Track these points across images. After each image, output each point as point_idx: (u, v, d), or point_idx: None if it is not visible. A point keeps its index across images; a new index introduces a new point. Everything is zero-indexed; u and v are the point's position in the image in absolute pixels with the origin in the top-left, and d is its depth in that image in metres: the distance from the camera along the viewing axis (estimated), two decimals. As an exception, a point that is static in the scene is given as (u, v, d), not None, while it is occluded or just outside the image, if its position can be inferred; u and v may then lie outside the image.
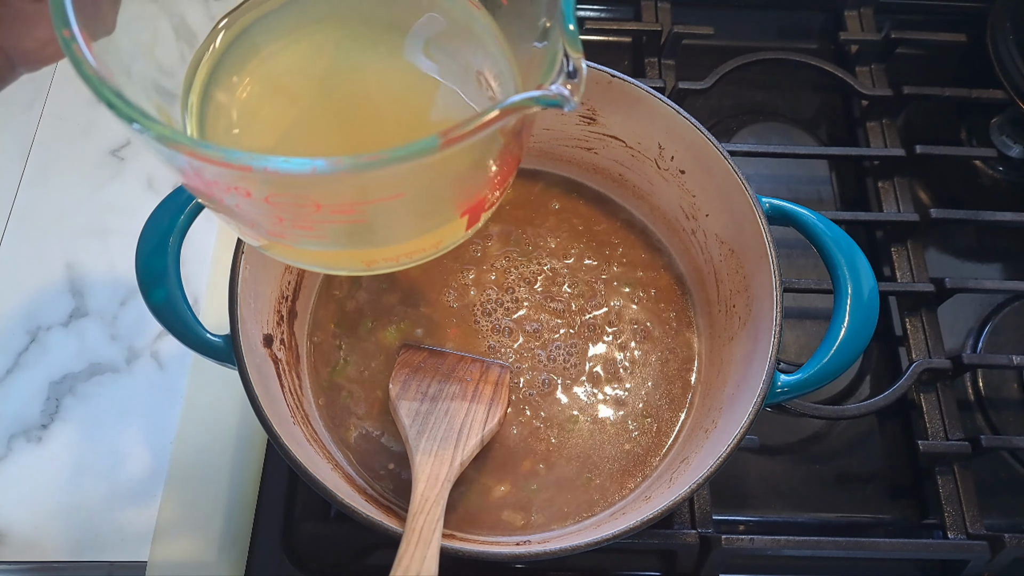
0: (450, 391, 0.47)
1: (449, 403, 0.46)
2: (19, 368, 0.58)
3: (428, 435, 0.44)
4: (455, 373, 0.48)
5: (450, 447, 0.43)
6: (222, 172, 0.26)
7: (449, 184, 0.32)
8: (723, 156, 0.48)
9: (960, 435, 0.56)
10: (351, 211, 0.29)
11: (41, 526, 0.53)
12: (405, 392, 0.46)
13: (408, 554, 0.37)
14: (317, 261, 0.36)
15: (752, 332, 0.47)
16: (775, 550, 0.51)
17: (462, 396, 0.47)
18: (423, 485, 0.41)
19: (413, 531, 0.38)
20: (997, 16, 0.68)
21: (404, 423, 0.45)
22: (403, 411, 0.45)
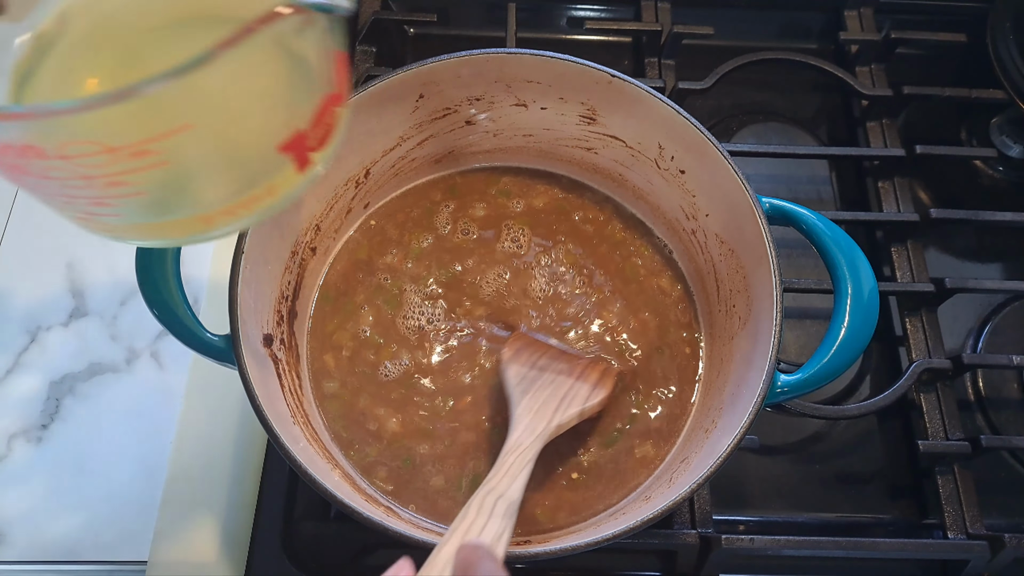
0: (558, 367, 0.49)
1: (555, 376, 0.48)
2: (19, 368, 0.58)
3: (532, 395, 0.46)
4: (565, 357, 0.50)
5: (550, 410, 0.45)
6: None
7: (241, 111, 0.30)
8: (723, 156, 0.48)
9: (960, 435, 0.56)
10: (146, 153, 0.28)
11: (41, 526, 0.53)
12: (516, 358, 0.48)
13: (496, 478, 0.40)
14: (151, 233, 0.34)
15: (752, 332, 0.47)
16: (775, 550, 0.51)
17: (568, 373, 0.49)
18: (519, 432, 0.43)
19: (503, 465, 0.41)
20: (997, 16, 0.68)
21: (511, 382, 0.46)
22: (511, 372, 0.47)
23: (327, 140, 0.35)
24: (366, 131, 0.51)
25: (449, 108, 0.53)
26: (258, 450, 0.55)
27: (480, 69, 0.51)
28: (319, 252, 0.53)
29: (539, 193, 0.57)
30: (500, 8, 0.70)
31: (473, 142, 0.56)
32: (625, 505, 0.48)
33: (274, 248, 0.49)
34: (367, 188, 0.55)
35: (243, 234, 0.45)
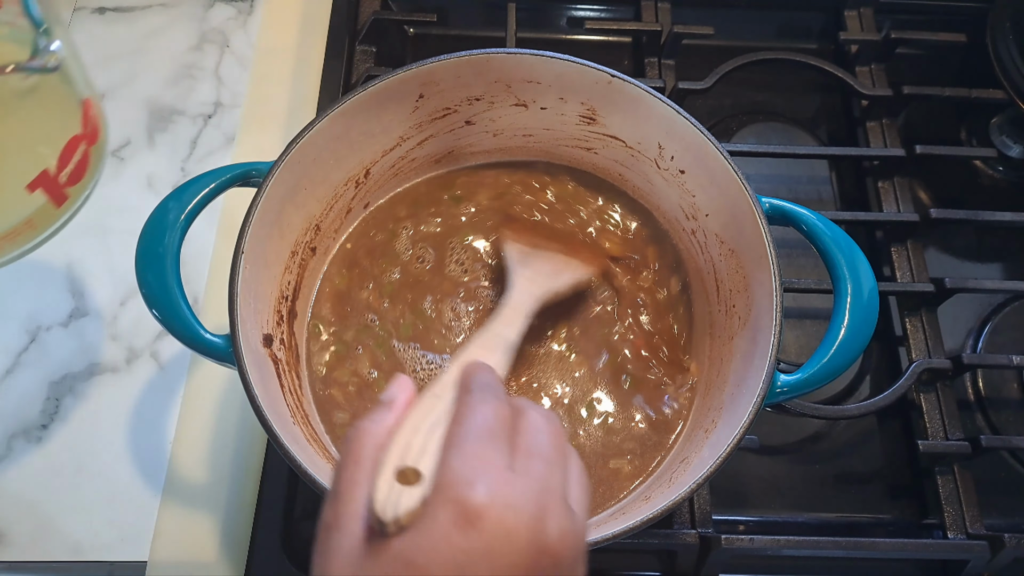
0: (555, 247, 0.52)
1: (552, 255, 0.51)
2: (19, 368, 0.58)
3: (530, 267, 0.49)
4: (560, 235, 0.54)
5: (546, 279, 0.49)
6: None
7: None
8: (723, 156, 0.48)
9: (960, 435, 0.56)
10: None
11: (41, 526, 0.53)
12: (517, 237, 0.52)
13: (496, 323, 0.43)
14: None
15: (752, 332, 0.47)
16: (775, 550, 0.51)
17: (564, 251, 0.52)
18: (516, 292, 0.46)
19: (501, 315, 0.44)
20: (997, 16, 0.68)
21: (511, 256, 0.50)
22: (510, 248, 0.51)
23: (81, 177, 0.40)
24: (366, 131, 0.51)
25: (449, 108, 0.53)
26: (258, 450, 0.55)
27: (480, 69, 0.51)
28: (319, 252, 0.53)
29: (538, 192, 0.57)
30: (500, 8, 0.70)
31: (473, 142, 0.56)
32: (625, 505, 0.48)
33: (274, 248, 0.49)
34: (367, 188, 0.55)
35: (243, 234, 0.45)
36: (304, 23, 0.72)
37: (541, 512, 0.29)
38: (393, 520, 0.28)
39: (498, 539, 0.27)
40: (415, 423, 0.31)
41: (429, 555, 0.27)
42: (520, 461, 0.30)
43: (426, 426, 0.31)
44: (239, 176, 0.47)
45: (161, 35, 0.71)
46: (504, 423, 0.31)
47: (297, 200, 0.49)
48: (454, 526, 0.27)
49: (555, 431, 0.32)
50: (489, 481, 0.28)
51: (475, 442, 0.30)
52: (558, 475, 0.31)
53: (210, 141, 0.67)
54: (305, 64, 0.70)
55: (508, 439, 0.31)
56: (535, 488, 0.29)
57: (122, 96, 0.68)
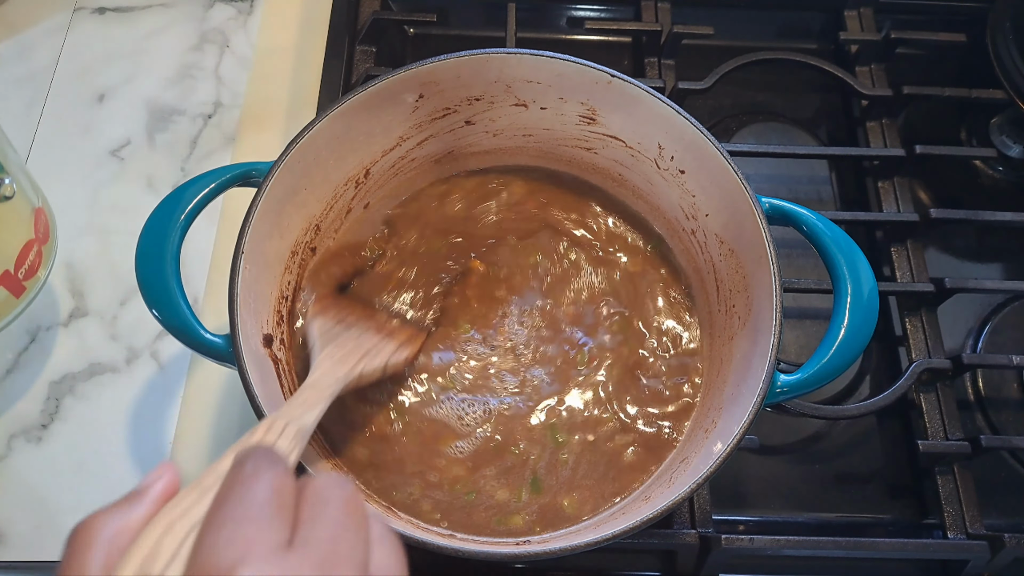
0: (365, 325, 0.48)
1: (361, 332, 0.47)
2: (19, 368, 0.58)
3: (335, 345, 0.45)
4: (375, 317, 0.50)
5: (353, 360, 0.44)
6: None
7: None
8: (723, 156, 0.48)
9: (960, 435, 0.56)
10: None
11: (41, 526, 0.53)
12: (323, 313, 0.48)
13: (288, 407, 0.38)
14: None
15: (752, 332, 0.47)
16: (775, 550, 0.51)
17: (376, 330, 0.48)
18: (318, 374, 0.42)
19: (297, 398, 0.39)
20: (997, 16, 0.68)
21: (314, 335, 0.46)
22: (316, 326, 0.46)
23: (35, 272, 0.50)
24: (366, 131, 0.51)
25: (449, 108, 0.53)
26: (258, 450, 0.55)
27: (480, 69, 0.51)
28: (319, 252, 0.53)
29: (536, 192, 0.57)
30: (500, 8, 0.70)
31: (473, 142, 0.56)
32: (625, 505, 0.48)
33: (274, 248, 0.49)
34: (367, 188, 0.55)
35: (243, 234, 0.45)
36: (304, 23, 0.72)
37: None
38: None
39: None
40: (169, 520, 0.24)
41: None
42: (301, 534, 0.24)
43: (184, 525, 0.24)
44: (239, 176, 0.47)
45: (161, 35, 0.71)
46: (282, 497, 0.25)
47: (297, 200, 0.49)
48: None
49: (348, 495, 0.26)
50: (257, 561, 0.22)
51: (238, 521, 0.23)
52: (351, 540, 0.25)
53: (210, 141, 0.67)
54: (305, 64, 0.70)
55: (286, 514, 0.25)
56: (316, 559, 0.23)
57: (122, 96, 0.68)
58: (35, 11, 0.72)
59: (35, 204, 0.50)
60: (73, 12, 0.72)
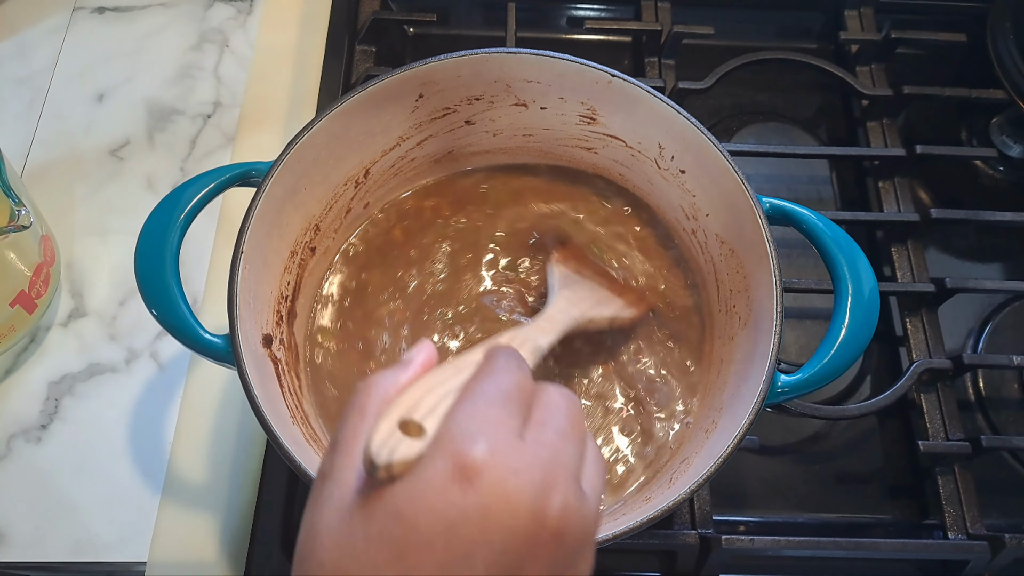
0: (600, 280, 0.52)
1: (596, 285, 0.51)
2: (19, 368, 0.58)
3: (571, 290, 0.49)
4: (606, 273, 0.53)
5: (586, 304, 0.48)
6: None
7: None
8: (723, 156, 0.48)
9: (960, 435, 0.56)
10: None
11: (41, 526, 0.53)
12: (565, 263, 0.52)
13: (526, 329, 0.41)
14: None
15: (752, 332, 0.47)
16: (775, 550, 0.51)
17: (609, 287, 0.52)
18: (554, 309, 0.46)
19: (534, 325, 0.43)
20: (997, 16, 0.68)
21: (555, 278, 0.49)
22: (557, 272, 0.50)
23: (45, 291, 0.57)
24: (365, 131, 0.51)
25: (449, 108, 0.53)
26: (258, 450, 0.55)
27: (480, 69, 0.51)
28: (318, 252, 0.53)
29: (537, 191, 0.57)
30: (500, 8, 0.70)
31: (473, 142, 0.56)
32: (625, 505, 0.48)
33: (273, 248, 0.48)
34: (367, 188, 0.55)
35: (242, 234, 0.45)
36: (304, 23, 0.72)
37: (547, 483, 0.26)
38: (385, 465, 0.26)
39: (496, 501, 0.25)
40: (430, 384, 0.29)
41: (419, 508, 0.25)
42: (532, 431, 0.28)
43: (441, 390, 0.29)
44: (238, 176, 0.47)
45: (160, 35, 0.71)
46: (523, 393, 0.29)
47: (297, 200, 0.49)
48: (450, 480, 0.25)
49: (575, 410, 0.30)
50: (494, 440, 0.26)
51: (487, 402, 0.28)
52: (571, 451, 0.29)
53: (209, 141, 0.67)
54: (305, 64, 0.69)
55: (523, 409, 0.29)
56: (544, 458, 0.27)
57: (121, 96, 0.68)
58: (34, 11, 0.72)
59: (41, 232, 0.57)
60: (72, 12, 0.72)
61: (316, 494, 0.28)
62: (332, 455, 0.28)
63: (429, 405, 0.28)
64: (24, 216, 0.49)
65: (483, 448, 0.26)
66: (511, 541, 0.25)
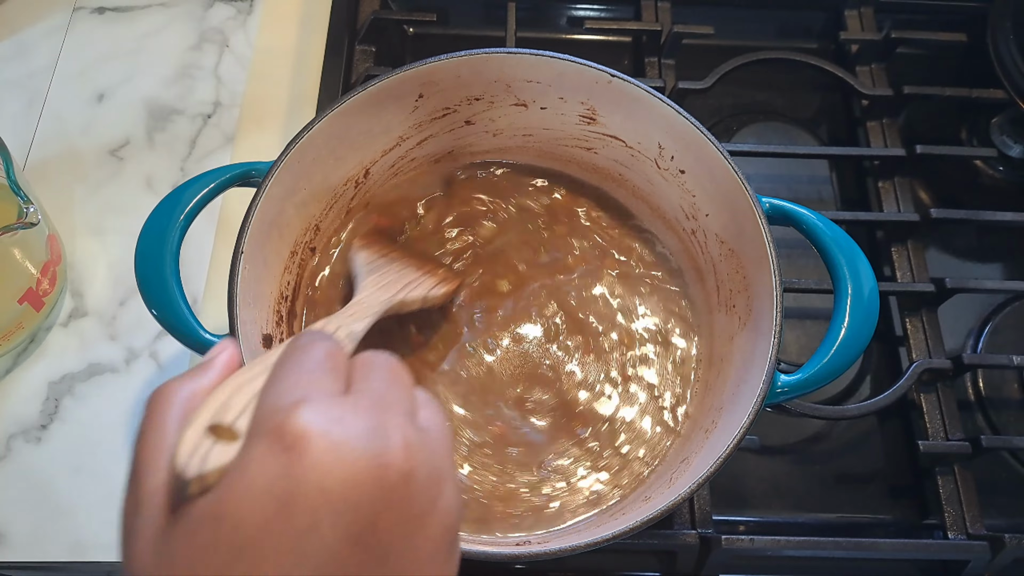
0: (407, 261, 0.51)
1: (403, 267, 0.50)
2: (18, 368, 0.58)
3: (379, 275, 0.48)
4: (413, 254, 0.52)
5: (396, 288, 0.47)
6: None
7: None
8: (723, 156, 0.48)
9: (960, 435, 0.56)
10: None
11: (41, 526, 0.53)
12: (367, 247, 0.51)
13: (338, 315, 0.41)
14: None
15: (752, 332, 0.47)
16: (775, 550, 0.51)
17: (417, 267, 0.50)
18: (364, 294, 0.45)
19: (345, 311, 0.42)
20: (997, 16, 0.68)
21: (359, 264, 0.48)
22: (361, 257, 0.49)
23: (52, 288, 0.57)
24: (365, 131, 0.51)
25: (448, 108, 0.53)
26: (257, 450, 0.55)
27: (479, 69, 0.51)
28: (318, 252, 0.53)
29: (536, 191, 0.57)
30: (500, 8, 0.70)
31: (473, 142, 0.56)
32: (625, 505, 0.48)
33: (273, 248, 0.48)
34: (366, 188, 0.55)
35: (242, 234, 0.45)
36: (303, 23, 0.72)
37: (378, 424, 0.24)
38: (197, 477, 0.23)
39: (325, 455, 0.23)
40: (237, 383, 0.26)
41: (241, 498, 0.22)
42: (354, 386, 0.26)
43: (251, 389, 0.26)
44: (238, 176, 0.47)
45: (160, 35, 0.71)
46: (335, 360, 0.27)
47: (296, 200, 0.49)
48: (269, 454, 0.23)
49: (397, 365, 0.28)
50: (315, 403, 0.24)
51: (298, 372, 0.25)
52: (398, 394, 0.26)
53: (209, 141, 0.67)
54: (304, 64, 0.69)
55: (339, 375, 0.26)
56: (367, 403, 0.25)
57: (121, 96, 0.68)
58: (34, 11, 0.72)
59: (48, 231, 0.57)
60: (72, 12, 0.72)
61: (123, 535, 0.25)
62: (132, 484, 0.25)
63: (240, 405, 0.25)
64: (32, 213, 0.49)
65: (304, 411, 0.23)
66: (355, 494, 0.23)
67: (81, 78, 0.69)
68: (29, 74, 0.69)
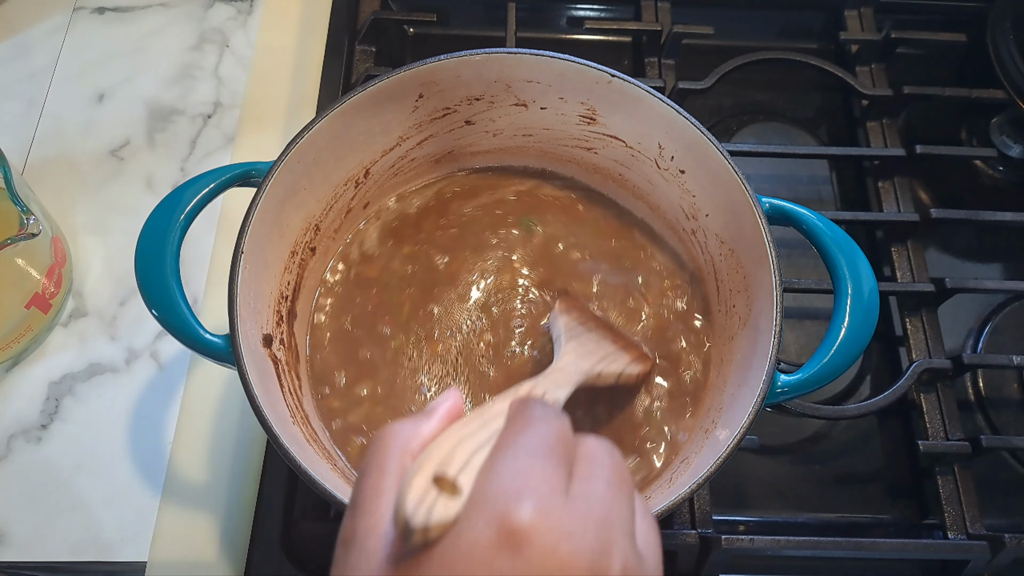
0: (605, 334, 0.49)
1: (601, 338, 0.48)
2: (19, 368, 0.58)
3: (579, 342, 0.46)
4: (609, 326, 0.51)
5: (595, 358, 0.46)
6: None
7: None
8: (723, 156, 0.48)
9: (960, 435, 0.56)
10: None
11: (42, 525, 0.53)
12: (568, 313, 0.49)
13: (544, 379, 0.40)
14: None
15: (752, 332, 0.47)
16: (775, 550, 0.51)
17: (613, 341, 0.49)
18: (565, 360, 0.44)
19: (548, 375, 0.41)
20: (997, 16, 0.68)
21: (560, 328, 0.47)
22: (562, 321, 0.48)
23: (58, 291, 0.58)
24: (365, 131, 0.51)
25: (449, 108, 0.53)
26: (258, 450, 0.55)
27: (479, 69, 0.51)
28: (318, 252, 0.53)
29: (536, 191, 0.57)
30: (500, 8, 0.70)
31: (473, 142, 0.56)
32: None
33: (273, 248, 0.48)
34: (366, 188, 0.55)
35: (242, 234, 0.45)
36: (304, 23, 0.72)
37: (603, 545, 0.24)
38: (422, 528, 0.23)
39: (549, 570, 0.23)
40: (459, 435, 0.27)
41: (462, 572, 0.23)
42: (578, 486, 0.25)
43: (472, 442, 0.26)
44: (239, 176, 0.47)
45: (160, 35, 0.71)
46: (564, 446, 0.27)
47: (297, 200, 0.49)
48: (495, 546, 0.23)
49: (620, 462, 0.27)
50: (539, 498, 0.24)
51: (527, 455, 0.25)
52: (623, 508, 0.26)
53: (209, 141, 0.67)
54: (305, 64, 0.69)
55: (566, 463, 0.26)
56: (596, 517, 0.25)
57: (121, 96, 0.68)
58: (34, 11, 0.72)
59: (52, 234, 0.57)
60: (72, 12, 0.72)
61: (340, 564, 0.26)
62: (353, 517, 0.26)
63: (462, 459, 0.26)
64: (33, 224, 0.49)
65: (529, 508, 0.24)
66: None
67: (81, 78, 0.69)
68: (29, 74, 0.69)
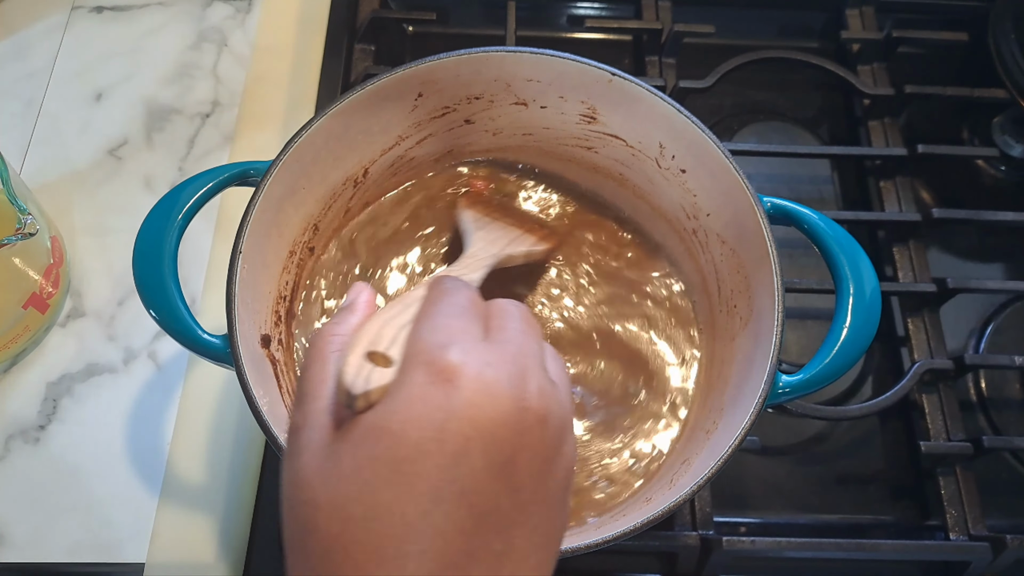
0: (510, 221, 0.53)
1: (507, 225, 0.52)
2: (16, 368, 0.58)
3: (485, 231, 0.50)
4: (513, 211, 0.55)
5: (502, 243, 0.50)
6: None
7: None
8: (724, 155, 0.48)
9: (962, 436, 0.56)
10: None
11: (40, 526, 0.53)
12: (472, 207, 0.53)
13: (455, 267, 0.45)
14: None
15: (753, 332, 0.47)
16: (776, 551, 0.51)
17: (519, 225, 0.53)
18: (474, 248, 0.48)
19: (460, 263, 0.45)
20: (999, 15, 0.68)
21: (467, 221, 0.51)
22: (467, 215, 0.52)
23: (56, 290, 0.57)
24: (364, 130, 0.51)
25: (448, 107, 0.53)
26: (256, 451, 0.55)
27: (479, 68, 0.50)
28: (317, 252, 0.53)
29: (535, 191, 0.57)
30: (499, 6, 0.70)
31: (472, 141, 0.56)
32: (625, 506, 0.48)
33: (272, 248, 0.48)
34: (366, 187, 0.54)
35: (241, 234, 0.45)
36: (302, 22, 0.71)
37: (520, 371, 0.27)
38: (363, 393, 0.26)
39: (478, 394, 0.26)
40: (384, 319, 0.30)
41: (404, 418, 0.26)
42: (494, 334, 0.29)
43: (396, 323, 0.30)
44: (237, 175, 0.47)
45: (159, 34, 0.71)
46: (477, 307, 0.30)
47: (295, 200, 0.49)
48: (430, 384, 0.26)
49: (528, 314, 0.31)
50: (464, 344, 0.27)
51: (446, 316, 0.29)
52: (534, 345, 0.29)
53: (208, 140, 0.66)
54: (303, 63, 0.69)
55: (480, 320, 0.30)
56: (511, 351, 0.28)
57: (119, 95, 0.68)
58: (33, 10, 0.71)
59: (49, 233, 0.57)
60: (71, 11, 0.72)
61: (292, 445, 0.28)
62: (300, 406, 0.29)
63: (389, 337, 0.29)
64: (31, 224, 0.49)
65: (456, 351, 0.27)
66: (501, 430, 0.26)
67: (79, 78, 0.69)
68: (27, 74, 0.69)
